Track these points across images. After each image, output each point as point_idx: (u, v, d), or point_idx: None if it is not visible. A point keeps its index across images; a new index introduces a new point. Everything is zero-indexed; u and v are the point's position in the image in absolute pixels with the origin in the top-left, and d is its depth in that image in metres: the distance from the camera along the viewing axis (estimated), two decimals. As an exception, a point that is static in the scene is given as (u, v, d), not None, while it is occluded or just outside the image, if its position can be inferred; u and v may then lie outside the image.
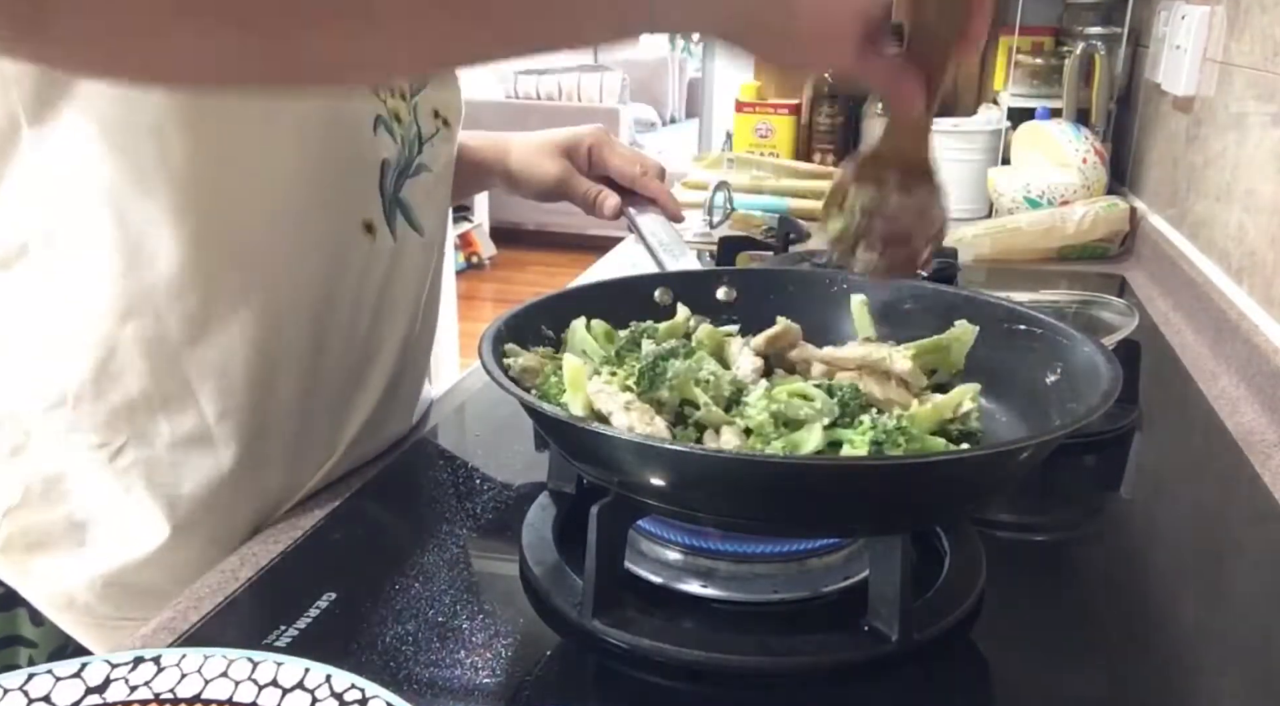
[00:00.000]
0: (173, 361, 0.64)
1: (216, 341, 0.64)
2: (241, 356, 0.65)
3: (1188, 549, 0.69)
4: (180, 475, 0.66)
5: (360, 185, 0.69)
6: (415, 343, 0.80)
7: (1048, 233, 1.39)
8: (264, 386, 0.67)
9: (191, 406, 0.65)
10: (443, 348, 3.04)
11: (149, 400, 0.64)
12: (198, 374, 0.64)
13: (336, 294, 0.69)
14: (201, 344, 0.64)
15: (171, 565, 0.67)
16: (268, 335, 0.66)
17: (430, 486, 0.75)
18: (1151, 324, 1.11)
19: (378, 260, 0.71)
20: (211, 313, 0.64)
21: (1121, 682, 0.54)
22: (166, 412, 0.65)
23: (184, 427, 0.65)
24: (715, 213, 1.45)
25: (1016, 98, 1.65)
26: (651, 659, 0.54)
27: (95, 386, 0.63)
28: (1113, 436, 0.82)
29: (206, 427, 0.66)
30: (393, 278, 0.73)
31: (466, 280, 4.36)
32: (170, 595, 0.63)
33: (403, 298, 0.75)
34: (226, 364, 0.65)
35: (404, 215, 0.73)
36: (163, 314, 0.62)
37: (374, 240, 0.70)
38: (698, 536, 0.60)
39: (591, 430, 0.53)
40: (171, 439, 0.65)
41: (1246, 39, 1.11)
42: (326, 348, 0.70)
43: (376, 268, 0.72)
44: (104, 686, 0.45)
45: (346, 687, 0.44)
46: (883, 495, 0.52)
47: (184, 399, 0.65)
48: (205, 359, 0.64)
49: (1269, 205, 1.00)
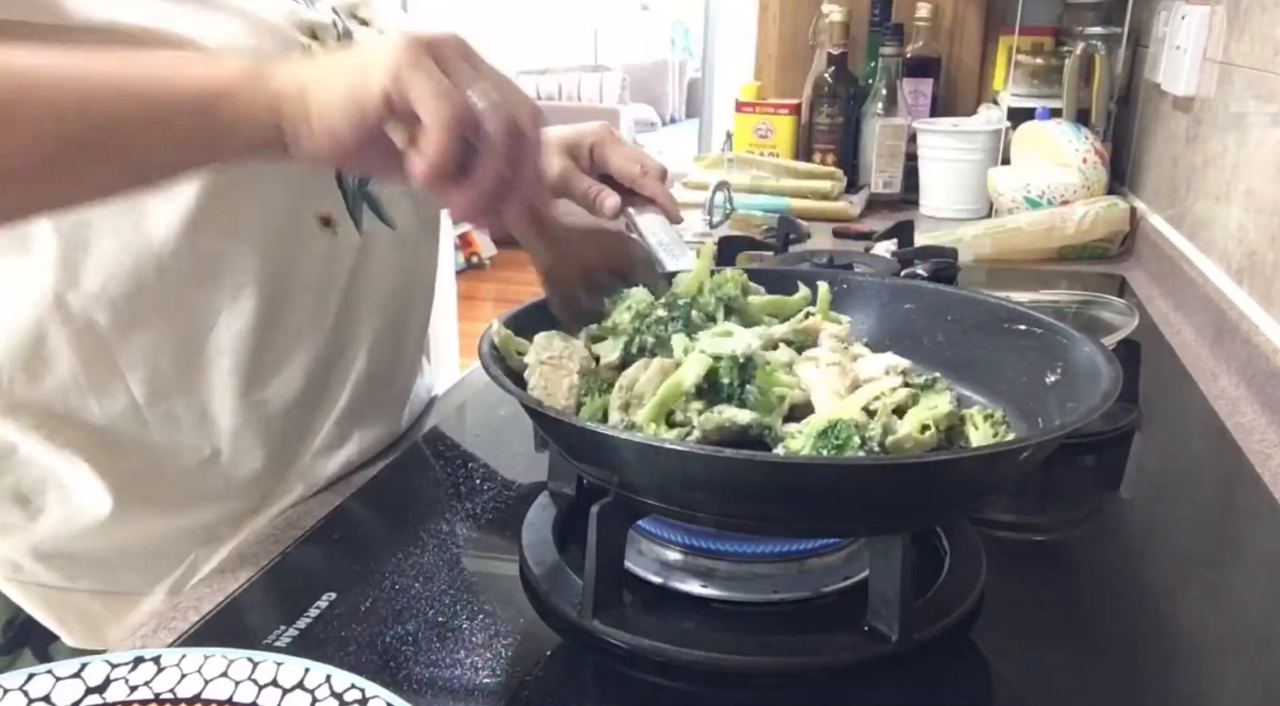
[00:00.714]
0: (101, 348, 0.65)
1: (142, 333, 0.65)
2: (171, 344, 0.66)
3: (1187, 549, 0.69)
4: (116, 452, 0.68)
5: (312, 179, 0.69)
6: (396, 339, 0.80)
7: (1048, 233, 1.39)
8: (199, 374, 0.68)
9: (122, 391, 0.66)
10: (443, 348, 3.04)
11: (79, 385, 0.66)
12: (126, 361, 0.66)
13: (290, 287, 0.69)
14: (130, 333, 0.65)
15: (116, 536, 0.69)
16: (197, 327, 0.67)
17: (430, 486, 0.75)
18: (1151, 324, 1.11)
19: (341, 254, 0.72)
20: (139, 303, 0.65)
21: (1121, 682, 0.54)
22: (97, 395, 0.66)
23: (115, 409, 0.67)
24: (715, 213, 1.45)
25: (1016, 98, 1.65)
26: (651, 659, 0.54)
27: (27, 371, 0.65)
28: (1113, 436, 0.82)
29: (138, 410, 0.67)
30: (360, 272, 0.73)
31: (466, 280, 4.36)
32: (115, 565, 0.66)
33: (374, 292, 0.75)
34: (155, 352, 0.66)
35: (371, 209, 0.73)
36: (91, 303, 0.64)
37: (334, 234, 0.70)
38: (698, 536, 0.60)
39: (591, 430, 0.53)
40: (105, 420, 0.67)
41: (1246, 39, 1.11)
42: (278, 339, 0.70)
43: (340, 261, 0.72)
44: (104, 686, 0.45)
45: (346, 687, 0.44)
46: (883, 495, 0.52)
47: (114, 383, 0.66)
48: (132, 348, 0.66)
49: (1269, 205, 1.00)
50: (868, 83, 1.69)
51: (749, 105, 1.74)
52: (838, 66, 1.66)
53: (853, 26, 1.67)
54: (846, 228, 1.53)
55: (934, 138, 1.63)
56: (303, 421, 0.74)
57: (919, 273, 1.11)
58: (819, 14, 1.74)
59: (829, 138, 1.69)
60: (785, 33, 1.86)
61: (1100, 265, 1.39)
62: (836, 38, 1.66)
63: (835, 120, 1.68)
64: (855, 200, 1.61)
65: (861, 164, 1.70)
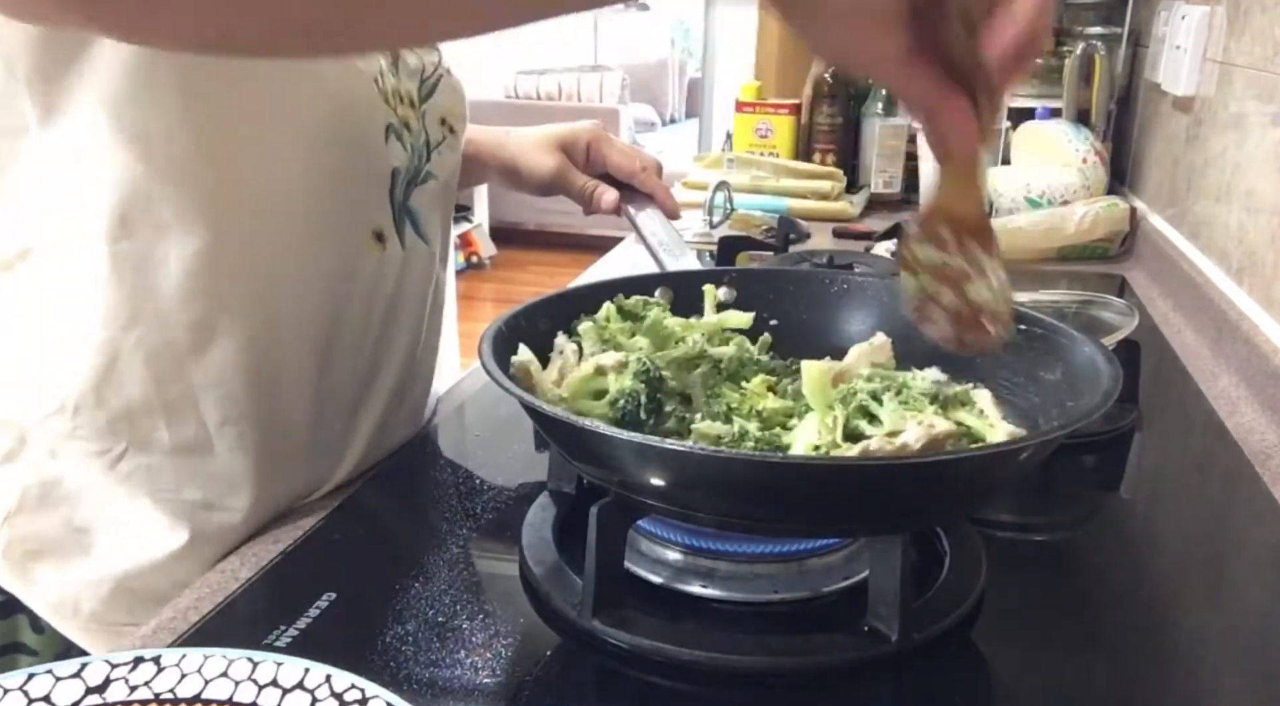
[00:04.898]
0: (176, 369, 0.63)
1: (220, 350, 0.64)
2: (244, 365, 0.65)
3: (1187, 549, 0.69)
4: (182, 481, 0.66)
5: (371, 194, 0.69)
6: (422, 350, 0.80)
7: (1048, 233, 1.39)
8: (268, 395, 0.66)
9: (192, 414, 0.65)
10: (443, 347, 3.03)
11: (149, 407, 0.64)
12: (200, 382, 0.64)
13: (345, 304, 0.69)
14: (205, 352, 0.63)
15: (179, 571, 0.67)
16: (271, 344, 0.66)
17: (430, 486, 0.75)
18: (1151, 324, 1.11)
19: (387, 270, 0.71)
20: (216, 321, 0.63)
21: (1121, 682, 0.54)
22: (167, 419, 0.64)
23: (185, 435, 0.65)
24: (715, 213, 1.45)
25: (1016, 98, 1.65)
26: (651, 659, 0.54)
27: (96, 393, 0.63)
28: (1112, 436, 0.82)
29: (207, 435, 0.65)
30: (401, 287, 0.73)
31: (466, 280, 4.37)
32: None
33: (410, 306, 0.75)
34: (229, 372, 0.64)
35: (412, 224, 0.73)
36: (167, 321, 0.62)
37: (384, 250, 0.70)
38: (698, 536, 0.60)
39: (591, 430, 0.53)
40: (172, 446, 0.65)
41: (1246, 39, 1.11)
42: (333, 357, 0.70)
43: (386, 277, 0.71)
44: (104, 686, 0.45)
45: (346, 687, 0.44)
46: (883, 495, 0.52)
47: (185, 407, 0.64)
48: (208, 367, 0.64)
49: (1269, 205, 1.00)
50: (868, 83, 1.69)
51: (749, 105, 1.74)
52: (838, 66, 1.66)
53: (853, 26, 1.67)
54: (846, 228, 1.53)
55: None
56: (338, 439, 0.73)
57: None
58: (819, 14, 1.74)
59: (829, 138, 1.69)
60: (785, 33, 1.85)
61: (1100, 265, 1.39)
62: (837, 38, 1.66)
63: (835, 120, 1.68)
64: (855, 200, 1.61)
65: (861, 164, 1.70)
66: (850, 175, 1.68)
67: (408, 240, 0.73)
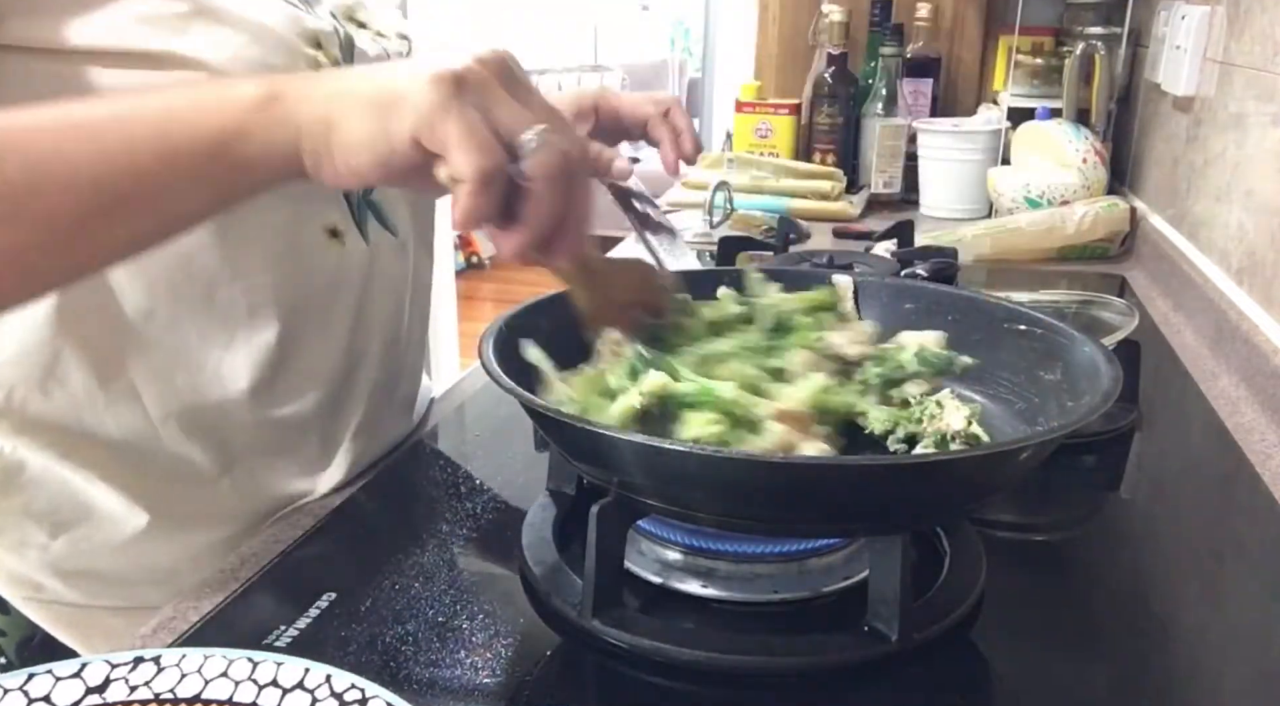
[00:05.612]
0: (115, 366, 0.64)
1: (158, 349, 0.65)
2: (186, 363, 0.65)
3: (1187, 549, 0.69)
4: (135, 469, 0.67)
5: (316, 192, 0.67)
6: (405, 342, 0.79)
7: (1048, 233, 1.39)
8: (214, 392, 0.67)
9: (137, 408, 0.66)
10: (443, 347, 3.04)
11: (94, 402, 0.65)
12: (140, 379, 0.65)
13: (303, 303, 0.68)
14: (143, 352, 0.64)
15: (140, 554, 0.68)
16: (212, 344, 0.66)
17: (430, 486, 0.75)
18: (1151, 324, 1.11)
19: (349, 265, 0.70)
20: (154, 321, 0.64)
21: (1121, 682, 0.54)
22: (112, 413, 0.65)
23: (131, 426, 0.66)
24: (715, 213, 1.45)
25: (1016, 98, 1.65)
26: (651, 659, 0.54)
27: (41, 389, 0.64)
28: (1112, 436, 0.82)
29: (153, 428, 0.66)
30: (370, 284, 0.72)
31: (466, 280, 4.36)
32: (137, 581, 0.64)
33: (383, 299, 0.74)
34: (170, 370, 0.65)
35: (376, 217, 0.72)
36: (105, 322, 0.63)
37: (343, 245, 0.69)
38: (697, 536, 0.60)
39: (591, 430, 0.53)
40: (120, 436, 0.66)
41: (1246, 39, 1.11)
42: (296, 352, 0.69)
43: (350, 272, 0.70)
44: (104, 686, 0.45)
45: (346, 687, 0.44)
46: (883, 495, 0.52)
47: (129, 401, 0.65)
48: (147, 365, 0.65)
49: (1269, 205, 1.00)
50: (868, 83, 1.69)
51: (749, 105, 1.74)
52: (838, 66, 1.66)
53: (853, 26, 1.68)
54: (846, 228, 1.53)
55: (934, 138, 1.63)
56: (323, 434, 0.73)
57: (919, 273, 1.11)
58: (819, 14, 1.74)
59: (829, 138, 1.69)
60: (785, 33, 1.86)
61: (1100, 265, 1.39)
62: (836, 38, 1.66)
63: (835, 120, 1.68)
64: (855, 200, 1.61)
65: (861, 164, 1.70)
66: (850, 175, 1.68)
67: (371, 234, 0.72)
